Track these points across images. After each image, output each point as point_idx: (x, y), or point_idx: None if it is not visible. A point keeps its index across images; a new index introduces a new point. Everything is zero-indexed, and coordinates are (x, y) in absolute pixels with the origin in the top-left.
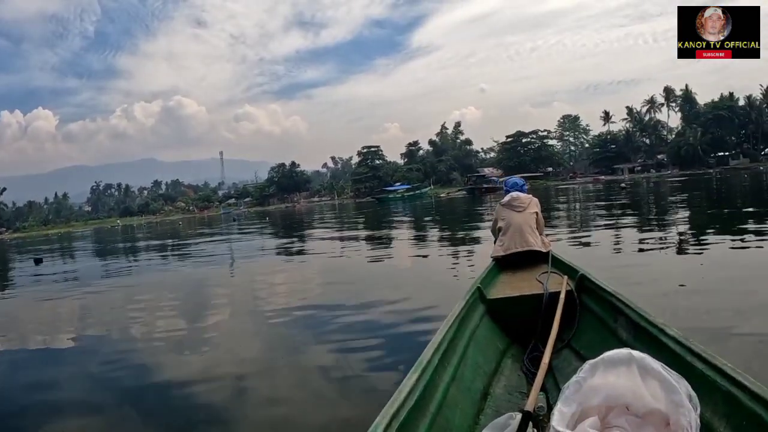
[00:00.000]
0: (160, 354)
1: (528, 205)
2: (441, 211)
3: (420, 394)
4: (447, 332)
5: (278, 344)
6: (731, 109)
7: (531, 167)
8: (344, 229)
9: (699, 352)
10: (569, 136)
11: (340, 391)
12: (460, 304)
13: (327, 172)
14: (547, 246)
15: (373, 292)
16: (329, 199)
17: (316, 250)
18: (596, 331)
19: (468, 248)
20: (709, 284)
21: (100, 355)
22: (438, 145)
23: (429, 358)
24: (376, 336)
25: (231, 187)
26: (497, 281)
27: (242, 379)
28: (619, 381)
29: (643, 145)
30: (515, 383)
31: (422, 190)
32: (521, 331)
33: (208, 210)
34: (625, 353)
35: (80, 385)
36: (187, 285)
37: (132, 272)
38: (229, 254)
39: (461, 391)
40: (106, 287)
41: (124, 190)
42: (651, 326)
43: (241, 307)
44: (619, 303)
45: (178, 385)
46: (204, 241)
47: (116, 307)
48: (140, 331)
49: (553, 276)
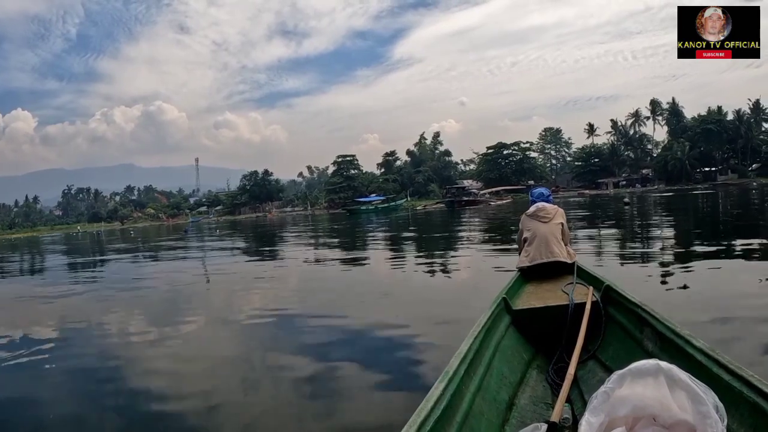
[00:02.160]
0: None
1: (554, 216)
2: (416, 226)
3: (447, 403)
4: (473, 342)
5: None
6: (720, 123)
7: (512, 180)
8: (306, 245)
9: (726, 364)
10: (551, 149)
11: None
12: (486, 315)
13: (303, 181)
14: (572, 257)
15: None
16: (302, 209)
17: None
18: (622, 342)
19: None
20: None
21: None
22: (416, 155)
23: (455, 368)
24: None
25: (206, 194)
26: (522, 292)
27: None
28: (647, 392)
29: (628, 159)
30: (540, 394)
31: (397, 202)
32: (546, 342)
33: (177, 218)
34: (652, 364)
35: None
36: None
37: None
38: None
39: (487, 402)
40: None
41: (93, 195)
42: (677, 337)
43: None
44: (644, 314)
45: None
46: (120, 259)
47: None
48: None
49: (578, 287)
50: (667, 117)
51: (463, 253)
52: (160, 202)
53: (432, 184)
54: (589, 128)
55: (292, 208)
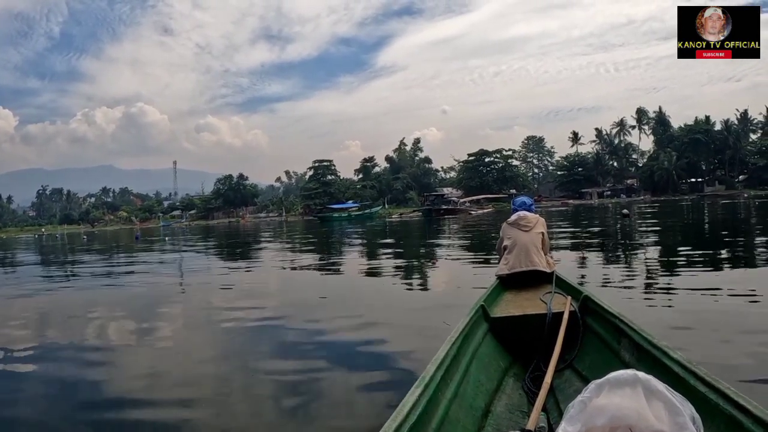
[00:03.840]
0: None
1: (534, 225)
2: (381, 238)
3: (422, 410)
4: (450, 349)
5: None
6: (708, 133)
7: (493, 188)
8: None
9: (702, 376)
10: (533, 158)
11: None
12: (463, 322)
13: (281, 186)
14: (551, 266)
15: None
16: (277, 215)
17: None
18: (599, 352)
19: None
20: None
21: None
22: (395, 162)
23: (432, 374)
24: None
25: (185, 198)
26: (501, 300)
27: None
28: (624, 402)
29: (613, 168)
30: (517, 402)
31: (373, 210)
32: (524, 350)
33: (148, 221)
34: (630, 374)
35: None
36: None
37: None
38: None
39: (463, 409)
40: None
41: (66, 196)
42: (654, 349)
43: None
44: (622, 325)
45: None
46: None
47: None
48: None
49: (557, 296)
50: (654, 126)
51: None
52: (135, 204)
53: (411, 192)
54: (574, 136)
55: (267, 213)
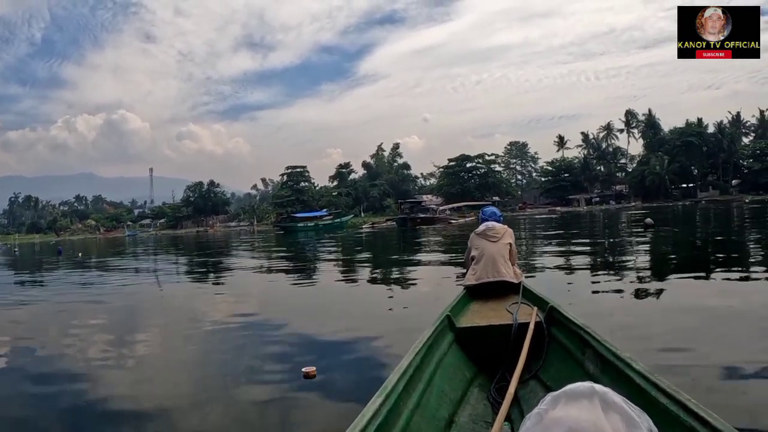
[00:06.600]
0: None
1: (502, 236)
2: (345, 252)
3: (382, 420)
4: (414, 359)
5: None
6: (701, 136)
7: (475, 195)
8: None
9: (664, 387)
10: (516, 164)
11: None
12: (428, 331)
13: (257, 194)
14: (518, 277)
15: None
16: (248, 224)
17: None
18: (564, 363)
19: None
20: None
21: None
22: (372, 168)
23: (394, 383)
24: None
25: (154, 207)
26: (467, 310)
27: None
28: (582, 414)
29: (601, 174)
30: (481, 412)
31: (343, 219)
32: (489, 361)
33: (115, 231)
34: (587, 386)
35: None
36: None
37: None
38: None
39: (425, 419)
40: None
41: (33, 204)
42: (617, 360)
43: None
44: (587, 336)
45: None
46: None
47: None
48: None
49: (523, 307)
50: (643, 129)
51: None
52: (107, 213)
53: (388, 199)
54: (559, 141)
55: (238, 222)
